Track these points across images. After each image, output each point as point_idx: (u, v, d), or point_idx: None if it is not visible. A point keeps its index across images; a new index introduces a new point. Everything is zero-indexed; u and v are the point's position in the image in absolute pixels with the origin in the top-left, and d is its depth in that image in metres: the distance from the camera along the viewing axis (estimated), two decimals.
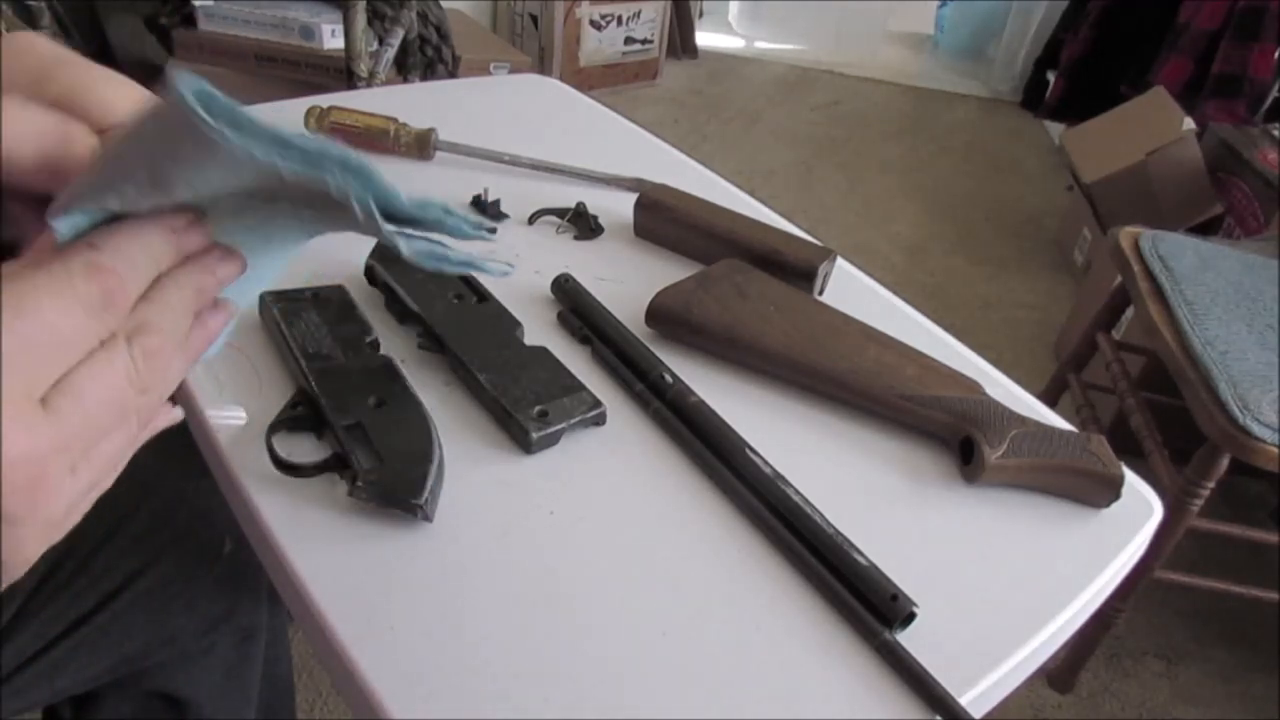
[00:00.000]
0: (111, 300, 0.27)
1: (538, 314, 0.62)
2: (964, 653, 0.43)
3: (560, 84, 1.01)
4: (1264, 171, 1.79)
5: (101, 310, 0.26)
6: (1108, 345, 1.33)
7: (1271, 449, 0.95)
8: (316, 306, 0.56)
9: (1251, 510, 1.65)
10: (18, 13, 1.69)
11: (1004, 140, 3.12)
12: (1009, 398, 0.59)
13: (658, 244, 0.72)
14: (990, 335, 2.05)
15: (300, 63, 1.92)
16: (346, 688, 0.40)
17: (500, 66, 2.46)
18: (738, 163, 2.71)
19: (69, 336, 0.25)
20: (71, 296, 0.25)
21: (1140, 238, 1.25)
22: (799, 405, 0.57)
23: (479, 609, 0.42)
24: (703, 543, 0.47)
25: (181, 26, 1.92)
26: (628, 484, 0.50)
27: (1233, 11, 2.30)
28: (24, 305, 0.24)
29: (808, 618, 0.44)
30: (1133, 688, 1.33)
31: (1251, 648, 1.40)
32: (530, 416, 0.51)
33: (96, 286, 0.26)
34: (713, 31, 3.77)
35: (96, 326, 0.26)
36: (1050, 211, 2.59)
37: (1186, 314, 1.09)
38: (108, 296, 0.26)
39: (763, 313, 0.59)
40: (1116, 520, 0.52)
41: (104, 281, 0.26)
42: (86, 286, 0.26)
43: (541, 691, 0.39)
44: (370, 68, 1.71)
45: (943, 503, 0.52)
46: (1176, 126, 1.92)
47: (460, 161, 0.80)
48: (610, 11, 2.96)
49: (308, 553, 0.44)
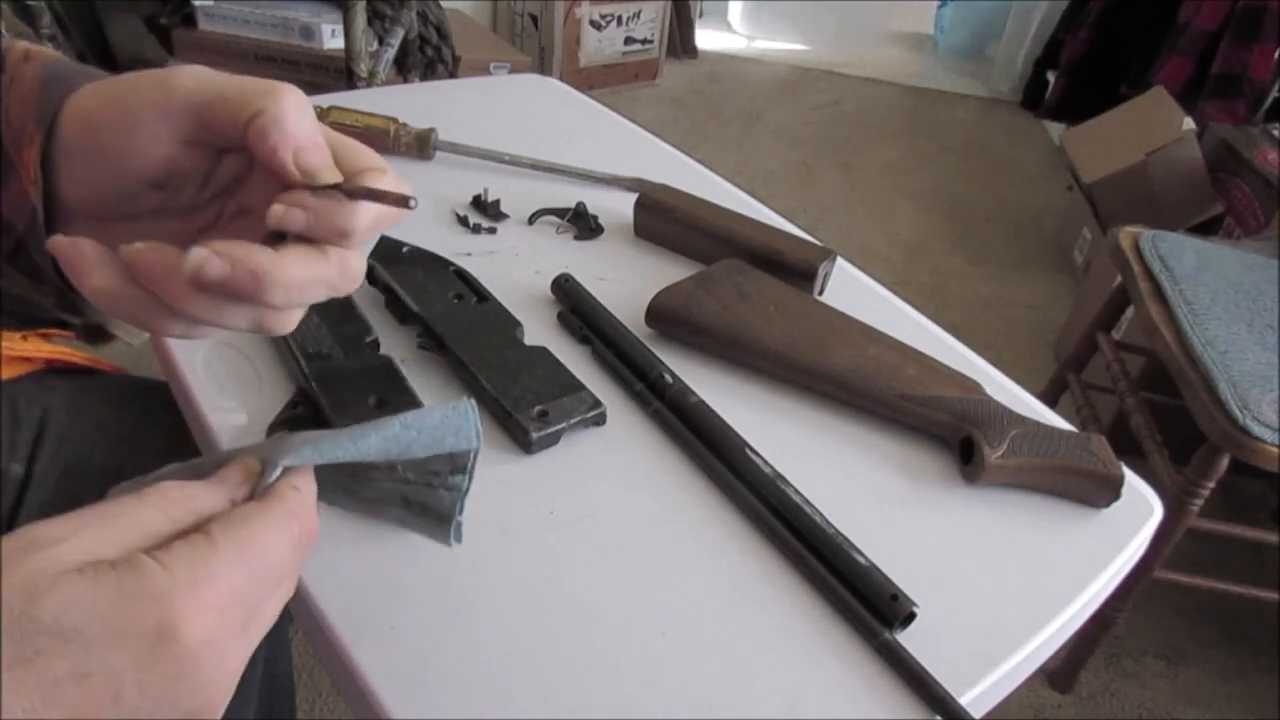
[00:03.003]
0: (311, 540, 0.31)
1: (538, 314, 0.62)
2: (964, 653, 0.43)
3: (560, 84, 1.01)
4: (1264, 171, 1.79)
5: (304, 549, 0.30)
6: (1108, 345, 1.33)
7: (1271, 449, 0.95)
8: (316, 306, 0.56)
9: (1251, 510, 1.65)
10: (18, 13, 1.69)
11: (1004, 140, 3.12)
12: (1009, 398, 0.59)
13: (658, 244, 0.72)
14: (990, 335, 2.05)
15: (300, 63, 1.92)
16: (346, 688, 0.40)
17: (500, 66, 2.46)
18: (738, 163, 2.71)
19: (283, 572, 0.29)
20: (289, 534, 0.29)
21: (1140, 238, 1.25)
22: (799, 405, 0.57)
23: (479, 609, 0.42)
24: (703, 543, 0.47)
25: (181, 26, 1.93)
26: (628, 484, 0.50)
27: (1233, 11, 2.30)
28: (256, 541, 0.28)
29: (808, 618, 0.44)
30: (1133, 688, 1.33)
31: (1251, 648, 1.40)
32: (530, 416, 0.51)
33: (299, 527, 0.30)
34: (713, 31, 3.77)
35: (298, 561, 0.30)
36: (1050, 211, 2.59)
37: (1186, 314, 1.09)
38: (308, 538, 0.30)
39: (763, 313, 0.59)
40: (1116, 520, 0.52)
41: (305, 522, 0.30)
42: (297, 526, 0.30)
43: (542, 691, 0.39)
44: (370, 68, 1.71)
45: (943, 503, 0.52)
46: (1176, 126, 1.92)
47: (460, 161, 0.80)
48: (610, 11, 2.96)
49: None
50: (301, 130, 0.32)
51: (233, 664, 0.26)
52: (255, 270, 0.30)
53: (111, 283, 0.31)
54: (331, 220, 0.32)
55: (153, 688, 0.23)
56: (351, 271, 0.33)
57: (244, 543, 0.27)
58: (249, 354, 0.55)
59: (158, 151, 0.33)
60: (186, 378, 0.53)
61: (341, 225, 0.32)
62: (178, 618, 0.24)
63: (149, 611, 0.23)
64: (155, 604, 0.23)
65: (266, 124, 0.31)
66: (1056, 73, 3.03)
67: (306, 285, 0.32)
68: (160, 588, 0.24)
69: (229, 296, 0.31)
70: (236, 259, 0.30)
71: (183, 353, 0.55)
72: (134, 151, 0.33)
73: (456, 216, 0.72)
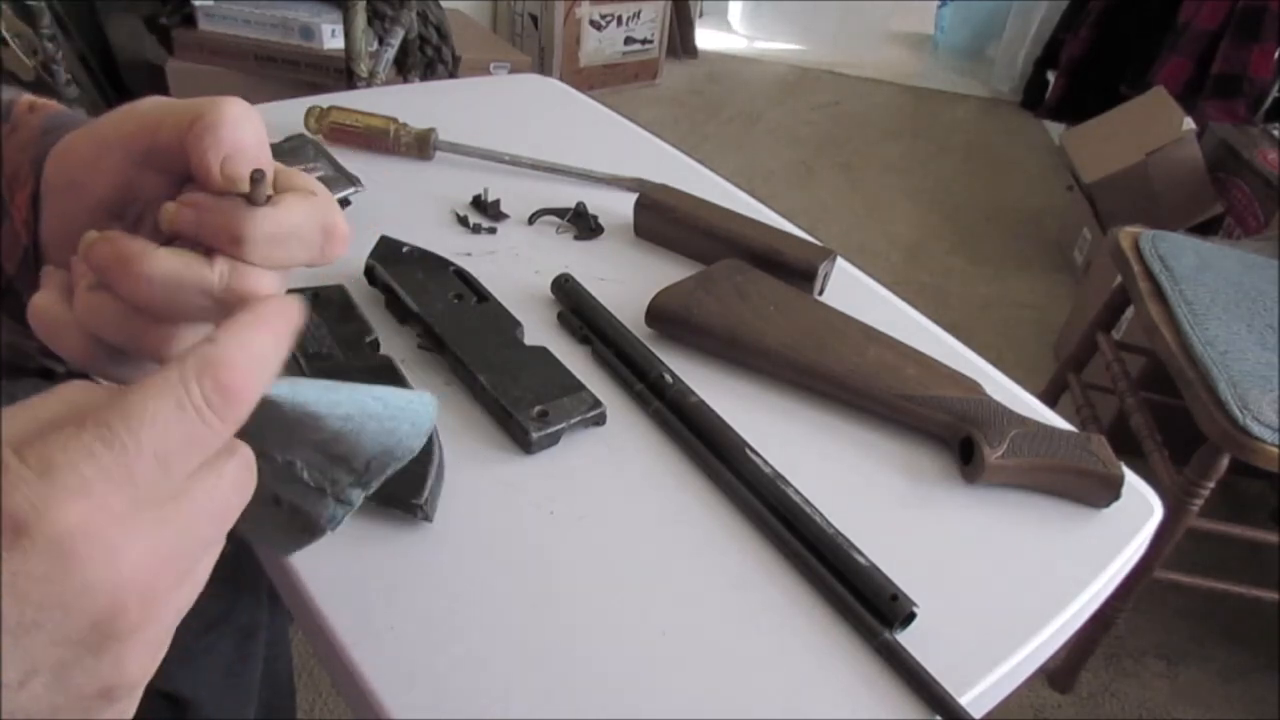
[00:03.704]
0: (235, 397, 0.25)
1: (538, 314, 0.62)
2: (964, 653, 0.43)
3: (560, 84, 1.01)
4: (1264, 171, 1.79)
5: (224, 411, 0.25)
6: (1108, 345, 1.33)
7: (1271, 449, 0.95)
8: (316, 306, 0.56)
9: (1251, 510, 1.65)
10: (18, 13, 1.69)
11: (1004, 140, 3.12)
12: (1009, 398, 0.59)
13: (658, 244, 0.72)
14: (990, 335, 2.05)
15: (300, 63, 1.92)
16: (346, 688, 0.40)
17: (500, 66, 2.46)
18: (738, 163, 2.71)
19: (189, 444, 0.24)
20: (178, 399, 0.24)
21: (1140, 238, 1.25)
22: (799, 405, 0.57)
23: (479, 609, 0.42)
24: (703, 542, 0.47)
25: (181, 26, 1.93)
26: (628, 484, 0.50)
27: (1233, 11, 2.30)
28: (132, 413, 0.23)
29: (808, 618, 0.44)
30: (1133, 688, 1.33)
31: (1251, 648, 1.40)
32: (530, 416, 0.51)
33: (207, 385, 0.24)
34: (713, 31, 3.77)
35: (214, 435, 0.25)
36: (1050, 211, 2.59)
37: (1186, 314, 1.09)
38: (230, 394, 0.25)
39: (763, 313, 0.59)
40: (1116, 520, 0.52)
41: (225, 376, 0.25)
42: (199, 389, 0.24)
43: (542, 691, 0.39)
44: (370, 68, 1.71)
45: (943, 503, 0.52)
46: (1176, 126, 1.92)
47: (460, 161, 0.80)
48: (610, 11, 2.96)
49: (308, 552, 0.43)
50: (238, 139, 0.31)
51: (138, 560, 0.23)
52: (123, 254, 0.29)
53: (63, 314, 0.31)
54: (222, 221, 0.30)
55: (22, 592, 0.21)
56: (240, 288, 0.30)
57: (117, 416, 0.23)
58: None
59: (112, 172, 0.33)
60: None
61: (232, 228, 0.30)
62: (26, 509, 0.21)
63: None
64: (6, 499, 0.21)
65: (202, 129, 0.30)
66: (1056, 73, 3.03)
67: (170, 284, 0.30)
68: (10, 480, 0.21)
69: (110, 295, 0.30)
70: (113, 243, 0.30)
71: None
72: (93, 177, 0.33)
73: (456, 216, 0.72)
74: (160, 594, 0.24)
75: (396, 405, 0.32)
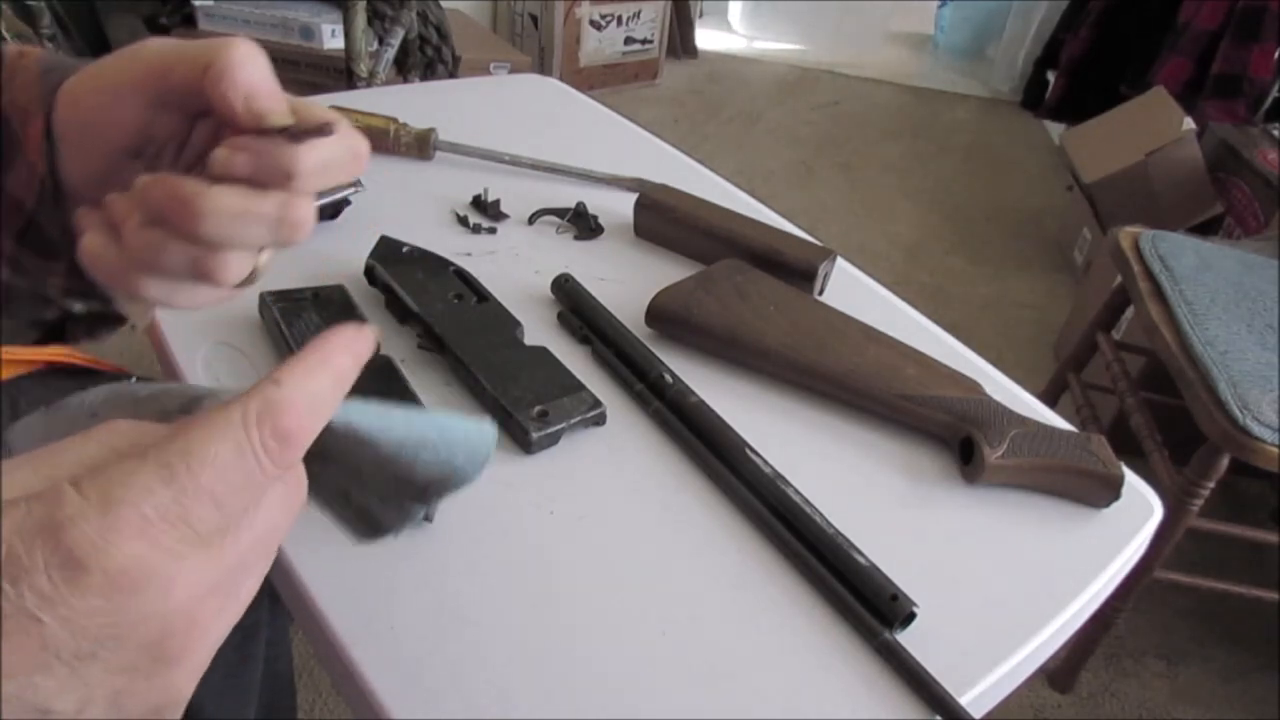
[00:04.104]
0: (293, 441, 0.26)
1: (538, 314, 0.62)
2: (964, 653, 0.43)
3: (560, 84, 1.01)
4: (1264, 171, 1.79)
5: (280, 454, 0.25)
6: (1108, 345, 1.33)
7: (1271, 449, 0.95)
8: (316, 306, 0.56)
9: (1251, 510, 1.65)
10: (18, 13, 1.69)
11: (1004, 140, 3.12)
12: (1009, 398, 0.59)
13: (658, 244, 0.72)
14: (990, 335, 2.05)
15: (300, 63, 1.92)
16: (346, 688, 0.40)
17: (500, 66, 2.46)
18: (738, 163, 2.71)
19: (238, 483, 0.25)
20: (239, 441, 0.24)
21: (1140, 238, 1.25)
22: (799, 405, 0.57)
23: (479, 609, 0.42)
24: (703, 543, 0.47)
25: (181, 26, 1.93)
26: (628, 484, 0.50)
27: (1233, 11, 2.30)
28: (193, 452, 0.24)
29: (808, 618, 0.44)
30: (1133, 688, 1.33)
31: (1251, 648, 1.40)
32: (530, 416, 0.51)
33: (267, 429, 0.25)
34: (713, 31, 3.77)
35: (268, 478, 0.25)
36: (1050, 211, 2.59)
37: (1186, 314, 1.09)
38: (286, 438, 0.25)
39: (763, 313, 0.59)
40: (1116, 520, 0.52)
41: (284, 422, 0.25)
42: (258, 433, 0.25)
43: (541, 691, 0.39)
44: (370, 68, 1.71)
45: (943, 503, 0.52)
46: (1176, 126, 1.92)
47: (460, 161, 0.80)
48: (610, 11, 2.96)
49: (308, 552, 0.44)
50: (252, 77, 0.33)
51: (188, 591, 0.23)
52: (181, 195, 0.31)
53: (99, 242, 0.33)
54: (274, 160, 0.32)
55: (80, 626, 0.21)
56: (294, 217, 0.33)
57: (177, 455, 0.23)
58: (248, 353, 0.55)
59: (130, 118, 0.35)
60: (186, 377, 0.53)
61: (285, 165, 0.32)
62: (86, 546, 0.21)
63: (52, 542, 0.21)
64: (61, 533, 0.21)
65: (218, 72, 0.32)
66: (1056, 73, 3.03)
67: (237, 216, 0.32)
68: (67, 514, 0.21)
69: (166, 231, 0.32)
70: (168, 184, 0.31)
71: (182, 352, 0.55)
72: (111, 122, 0.35)
73: (456, 216, 0.72)
74: (208, 617, 0.25)
75: (454, 436, 0.32)
